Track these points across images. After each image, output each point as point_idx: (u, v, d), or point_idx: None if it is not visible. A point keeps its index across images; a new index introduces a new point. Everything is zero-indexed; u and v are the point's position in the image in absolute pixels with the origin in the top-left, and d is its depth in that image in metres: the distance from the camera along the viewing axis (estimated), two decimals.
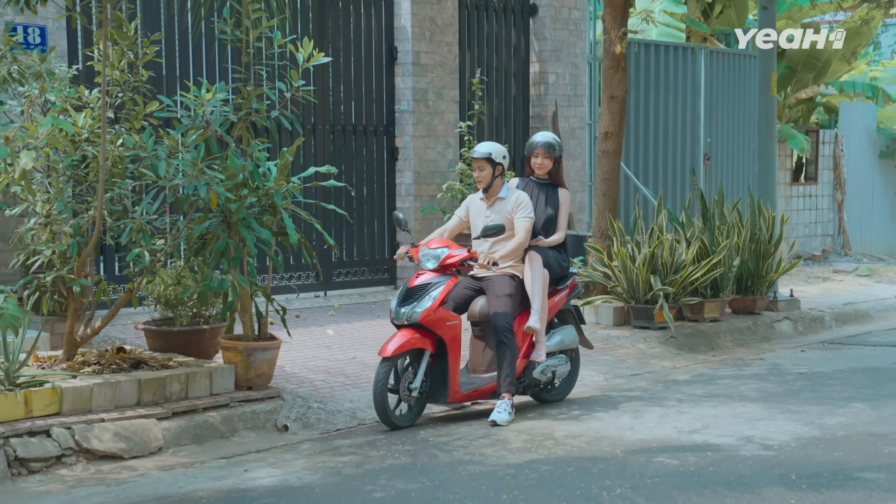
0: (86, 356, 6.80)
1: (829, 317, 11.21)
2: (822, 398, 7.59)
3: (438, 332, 6.70)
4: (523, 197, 7.18)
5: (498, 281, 7.00)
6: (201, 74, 9.61)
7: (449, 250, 6.93)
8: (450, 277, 6.85)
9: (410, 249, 7.07)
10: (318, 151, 10.54)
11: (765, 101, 11.37)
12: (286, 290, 9.90)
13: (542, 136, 7.49)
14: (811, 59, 16.24)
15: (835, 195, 16.70)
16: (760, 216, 10.72)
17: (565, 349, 7.39)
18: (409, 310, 6.65)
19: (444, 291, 6.73)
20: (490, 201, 7.18)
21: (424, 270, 6.87)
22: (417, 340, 6.64)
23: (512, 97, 12.13)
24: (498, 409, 6.77)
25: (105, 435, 5.97)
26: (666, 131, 13.47)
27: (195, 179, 6.38)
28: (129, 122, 7.03)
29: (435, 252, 6.92)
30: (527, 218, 7.10)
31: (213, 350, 7.31)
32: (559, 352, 7.34)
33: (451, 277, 6.86)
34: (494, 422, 6.71)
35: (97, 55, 7.14)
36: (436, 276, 6.81)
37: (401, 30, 11.03)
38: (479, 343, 7.14)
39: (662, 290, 9.42)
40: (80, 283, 6.58)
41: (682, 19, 14.83)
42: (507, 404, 6.80)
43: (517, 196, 7.17)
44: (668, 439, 6.42)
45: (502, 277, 7.02)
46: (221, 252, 6.61)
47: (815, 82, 16.59)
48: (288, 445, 6.34)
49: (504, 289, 6.96)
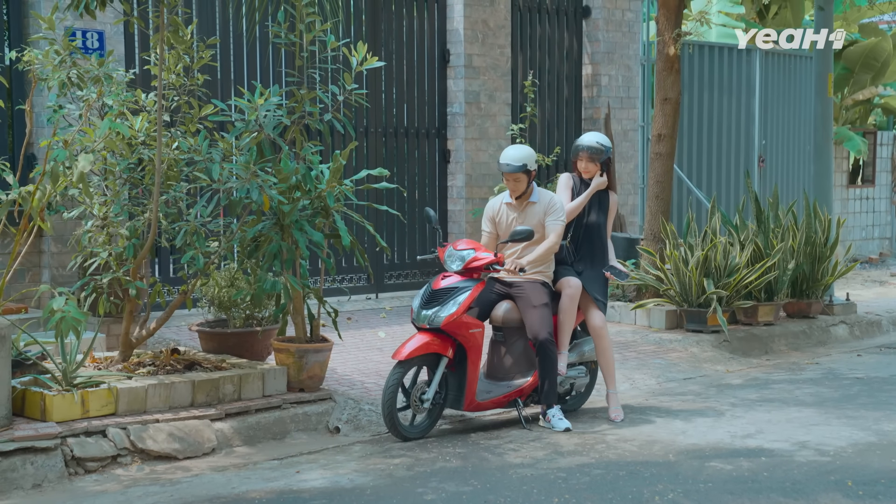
0: (141, 357, 6.89)
1: (887, 321, 11.03)
2: (880, 403, 7.47)
3: (460, 338, 6.52)
4: (556, 200, 6.93)
5: (531, 290, 6.79)
6: (255, 78, 9.70)
7: (475, 252, 6.70)
8: (477, 283, 6.63)
9: (438, 249, 6.92)
10: (371, 154, 10.59)
11: (821, 102, 11.23)
12: (338, 292, 9.96)
13: (587, 139, 7.25)
14: (869, 60, 16.02)
15: (892, 198, 16.44)
16: (816, 219, 10.58)
17: (585, 361, 7.19)
18: (433, 314, 6.47)
19: (469, 297, 6.53)
20: (521, 206, 6.92)
21: (450, 272, 6.70)
22: (436, 345, 6.46)
23: (564, 99, 12.09)
24: (553, 422, 6.71)
25: (159, 435, 6.04)
26: (720, 133, 13.35)
27: (248, 182, 6.44)
28: (184, 126, 7.11)
29: (461, 254, 6.71)
30: (559, 222, 6.85)
31: (266, 352, 7.37)
32: (579, 363, 7.15)
33: (478, 283, 6.63)
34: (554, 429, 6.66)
35: (154, 59, 7.23)
36: (462, 281, 6.60)
37: (453, 32, 11.04)
38: (499, 348, 6.94)
39: (716, 293, 9.33)
40: (136, 284, 6.66)
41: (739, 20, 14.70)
42: (558, 410, 6.76)
43: (550, 199, 6.91)
44: (721, 444, 6.36)
45: (535, 285, 6.81)
46: (274, 254, 6.66)
47: (872, 83, 16.34)
48: (339, 447, 6.37)
49: (540, 298, 6.76)
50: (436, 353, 6.51)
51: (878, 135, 16.20)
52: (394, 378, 6.38)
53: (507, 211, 6.98)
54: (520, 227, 6.69)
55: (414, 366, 6.51)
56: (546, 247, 6.84)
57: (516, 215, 6.93)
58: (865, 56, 15.99)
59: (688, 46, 12.51)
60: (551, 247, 6.86)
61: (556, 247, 6.89)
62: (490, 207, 7.07)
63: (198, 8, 9.27)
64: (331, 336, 7.31)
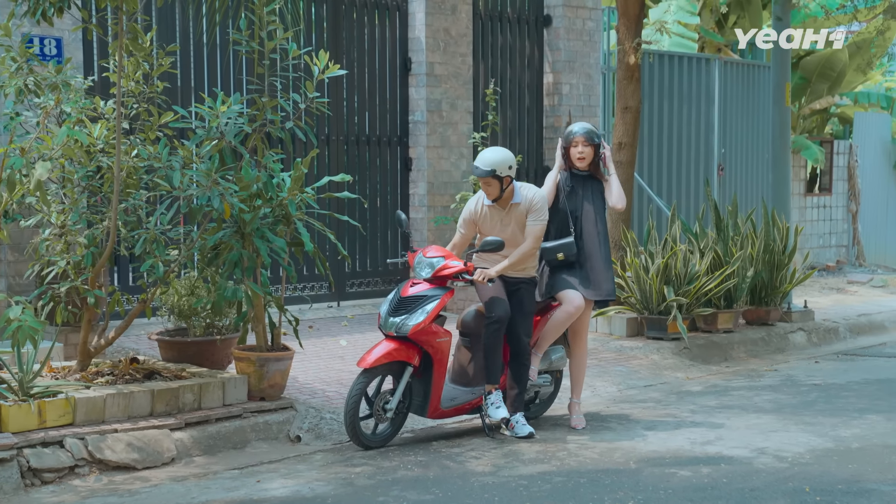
0: (99, 367, 6.82)
1: (844, 328, 11.16)
2: (837, 410, 7.55)
3: (427, 347, 6.50)
4: (538, 198, 6.76)
5: (527, 294, 6.76)
6: (216, 86, 9.64)
7: (445, 260, 6.65)
8: (446, 291, 6.59)
9: (408, 254, 6.89)
10: (333, 162, 10.57)
11: (779, 111, 11.35)
12: (299, 300, 9.92)
13: (580, 125, 7.08)
14: (826, 70, 16.22)
15: (849, 206, 16.64)
16: (774, 227, 10.69)
17: (552, 370, 7.20)
18: (401, 321, 6.44)
19: (438, 306, 6.50)
20: (506, 208, 6.76)
21: (419, 279, 6.66)
22: (402, 353, 6.43)
23: (526, 108, 12.14)
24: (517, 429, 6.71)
25: (118, 445, 5.98)
26: (680, 142, 13.45)
27: (209, 190, 6.41)
28: (143, 133, 7.07)
29: (430, 261, 6.66)
30: (538, 223, 6.71)
31: (227, 361, 7.33)
32: (546, 371, 7.14)
33: (447, 291, 6.60)
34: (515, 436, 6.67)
35: (112, 66, 7.18)
36: (432, 289, 6.56)
37: (415, 41, 11.05)
38: (465, 353, 6.90)
39: (676, 300, 9.40)
40: (94, 293, 6.60)
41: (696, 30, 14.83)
42: (521, 416, 6.76)
43: (531, 197, 6.74)
44: (681, 451, 6.40)
45: (530, 289, 6.77)
46: (235, 262, 6.63)
47: (829, 93, 16.55)
48: (301, 456, 6.34)
49: (531, 304, 6.76)
50: (401, 362, 6.49)
51: (835, 144, 16.40)
52: (358, 387, 6.35)
53: (491, 213, 6.81)
54: (490, 238, 6.64)
55: (379, 374, 6.49)
56: (521, 251, 6.70)
57: (501, 217, 6.79)
58: (822, 66, 16.18)
59: (648, 55, 12.61)
60: (527, 251, 6.71)
61: (534, 250, 6.75)
62: (468, 209, 6.89)
63: (157, 15, 9.21)
64: (292, 344, 7.28)
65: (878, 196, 17.24)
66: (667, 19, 14.52)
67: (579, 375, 7.14)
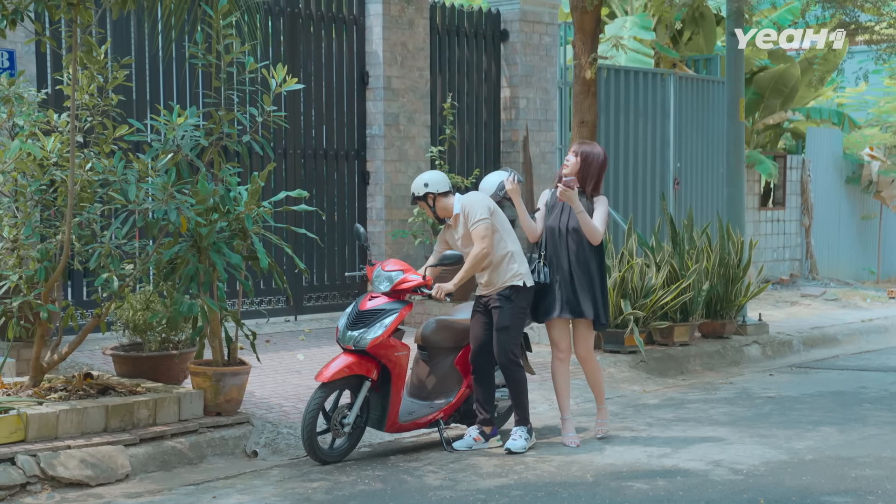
0: (52, 382, 6.74)
1: (797, 341, 11.28)
2: (791, 422, 7.63)
3: (385, 361, 6.49)
4: (468, 202, 6.68)
5: (502, 310, 6.68)
6: (172, 99, 9.59)
7: (404, 274, 6.65)
8: (404, 305, 6.59)
9: (367, 268, 6.89)
10: (290, 176, 10.53)
11: (733, 126, 11.48)
12: (256, 314, 9.87)
13: None
14: (778, 86, 16.43)
15: (802, 220, 16.85)
16: (729, 241, 10.80)
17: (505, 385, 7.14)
18: (359, 335, 6.43)
19: (396, 320, 6.49)
20: (454, 223, 6.77)
21: (377, 293, 6.64)
22: (360, 366, 6.41)
23: (483, 122, 12.18)
24: (513, 437, 6.72)
25: (71, 462, 5.91)
26: (636, 156, 13.56)
27: (165, 204, 6.36)
28: (98, 147, 7.01)
29: (389, 275, 6.65)
30: (476, 224, 6.60)
31: (182, 375, 7.27)
32: (503, 385, 7.06)
33: (405, 305, 6.60)
34: (509, 449, 6.65)
35: (66, 79, 7.12)
36: (390, 303, 6.55)
37: (372, 55, 11.06)
38: (424, 367, 6.91)
39: (633, 314, 9.46)
40: (48, 308, 6.53)
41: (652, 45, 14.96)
42: (524, 430, 6.75)
43: (464, 203, 6.68)
44: (638, 464, 6.43)
45: (504, 303, 6.67)
46: (191, 276, 6.58)
47: (782, 108, 16.76)
48: (257, 472, 6.30)
49: (504, 319, 6.67)
50: (359, 376, 6.47)
51: (788, 158, 16.60)
52: (315, 401, 6.32)
53: (447, 231, 6.87)
54: (448, 252, 6.67)
55: (337, 388, 6.47)
56: (471, 257, 6.62)
57: (453, 233, 6.83)
58: (775, 82, 16.39)
59: (604, 70, 12.71)
60: (477, 255, 6.59)
61: (484, 253, 6.61)
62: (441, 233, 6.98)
63: (112, 28, 9.15)
64: (249, 359, 7.24)
65: (831, 210, 17.48)
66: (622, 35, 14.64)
67: (596, 385, 7.19)
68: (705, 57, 15.41)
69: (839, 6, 10.79)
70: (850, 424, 7.55)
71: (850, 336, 12.01)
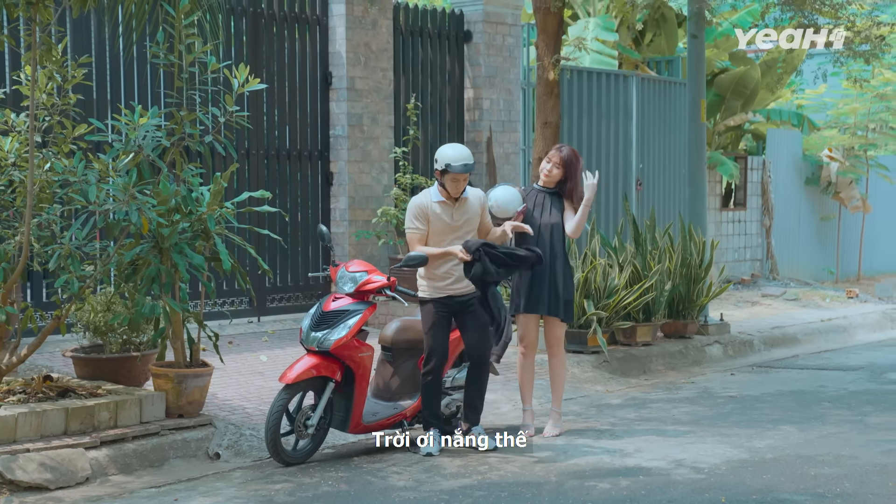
0: (11, 385, 6.66)
1: (758, 340, 11.38)
2: (752, 421, 7.70)
3: (349, 362, 6.48)
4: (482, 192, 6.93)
5: (478, 308, 6.76)
6: (134, 99, 9.51)
7: (368, 275, 6.64)
8: (368, 306, 6.58)
9: (330, 268, 6.86)
10: (253, 176, 10.48)
11: (695, 127, 11.56)
12: (219, 315, 9.81)
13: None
14: (739, 88, 16.56)
15: (763, 221, 17.00)
16: (691, 241, 10.87)
17: (456, 386, 7.12)
18: (323, 336, 6.42)
19: (360, 321, 6.48)
20: (458, 203, 6.74)
21: (341, 294, 6.63)
22: (323, 368, 6.40)
23: (447, 123, 12.18)
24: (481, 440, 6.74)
25: (30, 465, 5.84)
26: (599, 157, 13.61)
27: (126, 204, 6.31)
28: (57, 147, 6.93)
29: (353, 275, 6.65)
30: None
31: (144, 377, 7.21)
32: (452, 388, 7.07)
33: (369, 306, 6.59)
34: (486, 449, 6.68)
35: (24, 78, 7.04)
36: (354, 303, 6.55)
37: (335, 55, 11.03)
38: (387, 368, 6.92)
39: (595, 314, 9.50)
40: (6, 310, 6.45)
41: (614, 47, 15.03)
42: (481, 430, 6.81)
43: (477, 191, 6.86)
44: (600, 463, 6.46)
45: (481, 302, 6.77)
46: (153, 278, 6.53)
47: (743, 110, 16.90)
48: (220, 473, 6.26)
49: (485, 315, 6.77)
50: (323, 377, 6.45)
51: (749, 159, 16.74)
52: (279, 403, 6.30)
53: (443, 209, 6.72)
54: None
55: (301, 390, 6.45)
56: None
57: (453, 212, 6.75)
58: (736, 83, 16.52)
59: (567, 71, 12.75)
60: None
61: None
62: (420, 205, 6.73)
63: (72, 26, 9.06)
64: (211, 360, 7.20)
65: (791, 211, 17.65)
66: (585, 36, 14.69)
67: (557, 384, 7.28)
68: (667, 59, 15.50)
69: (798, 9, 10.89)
70: (810, 423, 7.63)
71: (809, 336, 12.14)
